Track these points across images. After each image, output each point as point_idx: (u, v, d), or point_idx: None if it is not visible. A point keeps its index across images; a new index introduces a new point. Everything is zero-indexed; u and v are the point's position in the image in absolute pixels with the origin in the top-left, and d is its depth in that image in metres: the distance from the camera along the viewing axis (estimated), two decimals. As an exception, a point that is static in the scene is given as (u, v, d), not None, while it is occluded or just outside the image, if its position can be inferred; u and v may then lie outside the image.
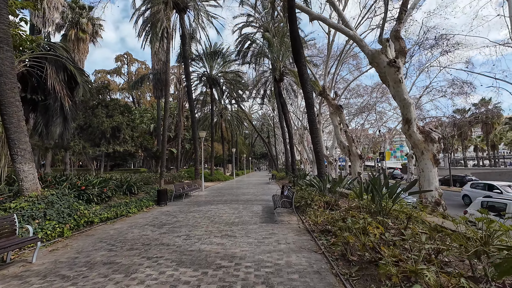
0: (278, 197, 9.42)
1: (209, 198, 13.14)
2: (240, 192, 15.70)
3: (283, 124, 27.20)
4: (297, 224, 6.86)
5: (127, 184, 12.14)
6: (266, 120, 65.98)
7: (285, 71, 17.44)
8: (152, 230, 6.54)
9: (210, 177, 28.02)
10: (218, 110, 35.84)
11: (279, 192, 14.09)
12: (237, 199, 12.56)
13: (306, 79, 9.96)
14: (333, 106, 18.85)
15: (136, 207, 9.61)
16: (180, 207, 10.53)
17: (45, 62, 8.94)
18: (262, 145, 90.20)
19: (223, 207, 9.99)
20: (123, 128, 17.88)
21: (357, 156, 18.49)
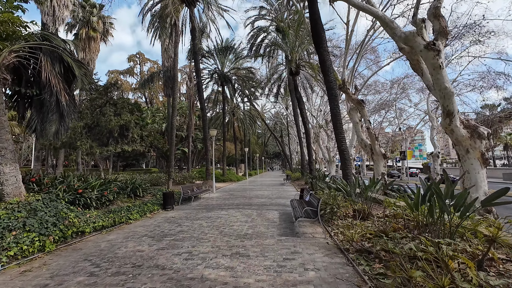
0: (297, 203, 8.17)
1: (220, 202, 12.07)
2: (254, 195, 14.54)
3: (298, 121, 25.83)
4: (324, 239, 5.59)
5: (132, 186, 11.27)
6: (279, 119, 64.60)
7: (301, 64, 16.13)
8: (150, 244, 5.48)
9: (222, 178, 27.08)
10: (230, 108, 34.90)
11: (297, 196, 12.82)
12: (250, 203, 11.40)
13: (329, 67, 8.67)
14: (353, 101, 17.30)
15: (139, 212, 8.66)
16: (188, 212, 9.50)
17: (40, 53, 8.17)
18: (275, 144, 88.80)
19: (235, 213, 8.85)
20: (131, 127, 17.17)
21: (380, 155, 16.86)
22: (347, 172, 8.55)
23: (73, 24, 26.24)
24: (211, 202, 12.12)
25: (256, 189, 18.47)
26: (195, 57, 20.00)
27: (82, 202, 7.86)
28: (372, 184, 6.93)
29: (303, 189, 9.77)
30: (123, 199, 10.51)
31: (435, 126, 32.78)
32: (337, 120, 8.59)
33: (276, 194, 14.81)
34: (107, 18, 27.07)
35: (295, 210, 6.74)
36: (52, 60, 8.38)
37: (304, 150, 37.53)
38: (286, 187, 19.46)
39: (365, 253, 4.45)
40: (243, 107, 39.46)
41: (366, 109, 17.96)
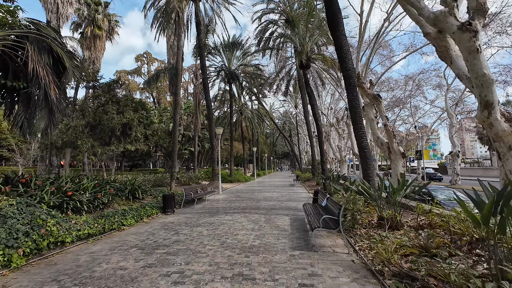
0: (311, 208, 7.14)
1: (225, 204, 11.14)
2: (262, 197, 13.56)
3: (309, 118, 24.68)
4: (347, 255, 4.55)
5: (131, 187, 10.49)
6: (288, 118, 63.43)
7: (311, 57, 15.04)
8: (137, 259, 4.59)
9: (230, 178, 26.23)
10: (237, 107, 34.03)
11: (309, 199, 11.75)
12: (258, 206, 10.42)
13: (346, 53, 7.61)
14: (369, 96, 16.05)
15: (135, 217, 7.82)
16: (189, 216, 8.61)
17: (26, 42, 7.47)
18: (284, 144, 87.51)
19: (240, 219, 7.89)
20: (134, 126, 16.49)
21: (399, 154, 15.55)
22: (368, 172, 7.46)
23: (79, 23, 25.99)
24: (216, 204, 11.21)
25: (265, 190, 17.48)
26: (201, 52, 19.20)
27: (71, 206, 7.07)
28: (401, 187, 5.83)
29: (317, 191, 8.72)
30: (121, 202, 9.73)
31: (454, 124, 31.01)
32: (356, 113, 7.52)
33: (286, 196, 13.78)
34: (112, 16, 26.70)
35: (310, 217, 5.72)
36: (40, 50, 7.65)
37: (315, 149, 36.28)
38: (296, 188, 18.38)
39: (407, 279, 3.39)
40: (251, 105, 38.57)
41: (382, 104, 16.70)
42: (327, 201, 6.07)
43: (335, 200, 6.01)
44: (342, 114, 34.34)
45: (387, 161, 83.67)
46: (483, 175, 45.42)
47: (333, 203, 5.60)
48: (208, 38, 23.01)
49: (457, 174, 28.95)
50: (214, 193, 13.49)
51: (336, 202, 5.41)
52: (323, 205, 6.14)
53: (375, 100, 16.26)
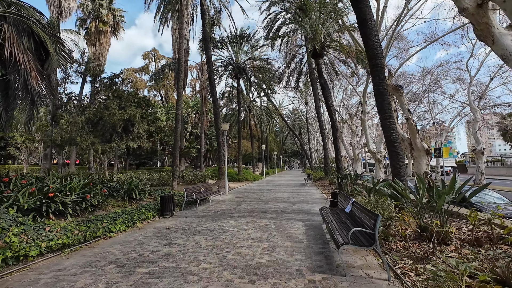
0: (330, 213, 5.96)
1: (231, 206, 10.07)
2: (271, 198, 12.42)
3: (321, 113, 23.32)
4: (386, 282, 3.36)
5: (128, 187, 9.57)
6: (297, 115, 61.95)
7: (325, 44, 13.74)
8: (109, 283, 3.55)
9: (238, 177, 25.22)
10: (245, 104, 32.95)
11: (325, 200, 10.54)
12: (266, 208, 9.30)
13: (372, 28, 6.35)
14: (389, 87, 14.64)
15: (126, 221, 6.85)
16: (188, 221, 7.58)
17: (4, 24, 6.61)
18: (294, 142, 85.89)
19: (246, 225, 6.79)
20: (136, 122, 15.66)
21: (423, 150, 14.10)
22: (399, 170, 6.18)
23: (84, 19, 25.48)
24: (221, 206, 10.16)
25: (274, 190, 16.33)
26: (206, 44, 18.19)
27: (52, 209, 6.16)
28: (449, 189, 4.56)
29: (335, 193, 7.52)
30: (115, 203, 8.81)
31: (478, 119, 28.93)
32: (384, 100, 6.26)
33: (298, 197, 12.59)
34: (117, 10, 26.08)
35: (331, 226, 4.54)
36: (20, 32, 6.76)
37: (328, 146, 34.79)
38: (308, 188, 17.14)
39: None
40: (260, 102, 37.39)
41: (404, 96, 15.21)
42: (353, 207, 4.88)
43: (367, 208, 4.80)
44: (355, 110, 32.75)
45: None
46: (507, 174, 42.66)
47: (361, 210, 4.40)
48: (214, 30, 21.97)
49: (481, 173, 26.88)
50: (219, 193, 12.46)
51: (367, 209, 4.21)
52: (347, 211, 4.95)
53: (396, 92, 14.82)
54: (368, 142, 23.33)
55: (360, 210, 4.47)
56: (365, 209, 4.20)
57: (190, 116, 40.82)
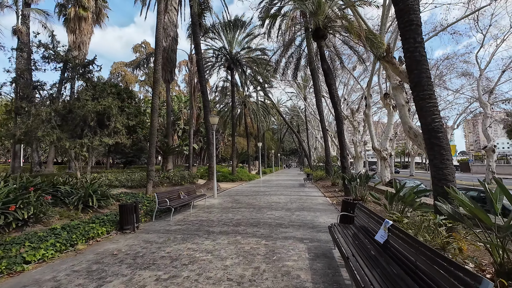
0: (344, 234, 4.05)
1: (214, 215, 8.13)
2: (265, 202, 10.51)
3: (321, 107, 21.40)
4: None
5: (84, 192, 7.60)
6: (296, 112, 60.15)
7: (328, 25, 11.78)
8: None
9: (232, 177, 23.28)
10: (240, 98, 30.96)
11: (328, 206, 8.65)
12: (258, 219, 7.37)
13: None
14: (402, 74, 12.77)
15: (59, 243, 4.91)
16: (152, 239, 5.65)
17: None
18: (292, 140, 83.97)
19: (226, 249, 4.86)
20: (113, 114, 13.63)
21: (440, 147, 12.21)
22: (445, 172, 4.21)
23: (63, 4, 23.32)
24: (202, 215, 8.22)
25: (270, 192, 14.43)
26: (194, 28, 16.19)
27: None
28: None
29: (349, 203, 5.62)
30: (66, 214, 6.87)
31: (488, 114, 27.18)
32: (422, 71, 4.30)
33: (297, 201, 10.69)
34: (99, -5, 23.89)
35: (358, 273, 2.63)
36: None
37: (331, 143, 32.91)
38: (308, 190, 15.25)
39: None
40: (256, 97, 35.37)
41: None
42: (389, 235, 2.95)
43: (403, 229, 2.87)
44: (357, 105, 30.93)
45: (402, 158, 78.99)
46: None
47: (417, 249, 2.46)
48: (205, 15, 19.97)
49: (492, 172, 25.18)
50: (204, 197, 10.54)
51: (438, 253, 2.26)
52: (381, 242, 3.03)
53: (410, 80, 12.91)
54: (372, 138, 21.47)
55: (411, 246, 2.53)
56: (431, 250, 2.24)
57: (183, 112, 38.78)
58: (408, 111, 14.19)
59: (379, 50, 12.27)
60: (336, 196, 11.77)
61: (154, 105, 10.14)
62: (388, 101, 20.46)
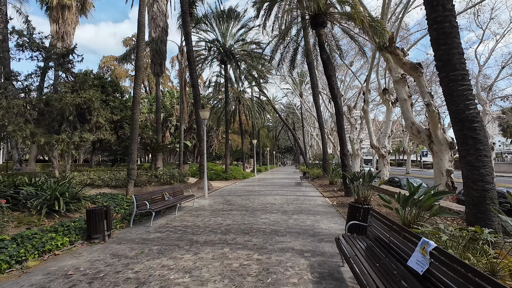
0: (356, 250, 3.17)
1: (201, 220, 7.19)
2: (259, 204, 9.61)
3: (318, 102, 20.57)
4: None
5: (50, 194, 6.59)
6: (291, 109, 59.39)
7: (327, 11, 10.86)
8: None
9: (225, 175, 22.35)
10: (234, 94, 29.94)
11: (328, 208, 7.78)
12: (250, 225, 6.47)
13: None
14: (405, 65, 12.02)
15: (3, 260, 3.93)
16: (121, 252, 4.68)
17: None
18: (287, 138, 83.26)
19: (209, 266, 3.94)
20: (95, 108, 12.53)
21: (445, 144, 11.59)
22: (483, 172, 3.36)
23: (46, -8, 21.88)
24: (188, 219, 7.28)
25: (265, 192, 13.54)
26: (184, 17, 15.12)
27: None
28: None
29: (354, 206, 4.77)
30: (26, 220, 5.86)
31: (488, 111, 26.78)
32: (453, 46, 3.42)
33: (294, 202, 9.82)
34: (84, -18, 22.53)
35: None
36: None
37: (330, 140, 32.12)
38: (306, 189, 14.41)
39: None
40: (251, 93, 34.37)
41: (424, 77, 12.51)
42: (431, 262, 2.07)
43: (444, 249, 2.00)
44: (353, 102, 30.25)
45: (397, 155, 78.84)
46: (507, 170, 41.14)
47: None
48: (196, 5, 18.90)
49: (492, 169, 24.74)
50: (192, 198, 9.59)
51: None
52: (420, 271, 2.14)
53: (414, 71, 12.19)
54: (371, 135, 20.77)
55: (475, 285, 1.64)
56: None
57: (175, 108, 37.55)
58: (410, 106, 13.46)
59: (382, 39, 11.42)
60: (336, 196, 10.94)
61: (136, 96, 9.10)
62: (387, 96, 19.74)
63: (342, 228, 5.92)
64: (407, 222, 5.21)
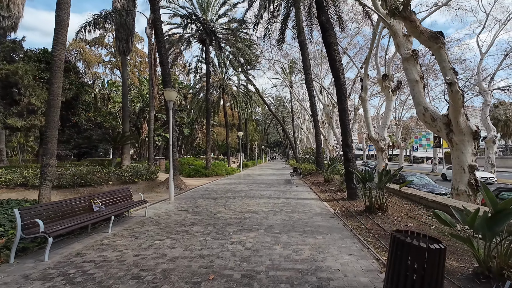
0: None
1: (133, 249, 4.50)
2: (236, 213, 7.05)
3: (311, 88, 18.07)
4: None
5: None
6: (280, 102, 56.98)
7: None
8: None
9: (205, 171, 19.68)
10: (218, 81, 27.06)
11: (329, 218, 5.14)
12: (210, 260, 3.86)
13: None
14: (423, 34, 9.65)
15: None
16: None
17: None
18: (276, 132, 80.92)
19: None
20: (25, 85, 9.51)
21: (468, 134, 9.39)
22: None
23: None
24: (115, 245, 4.61)
25: (247, 192, 11.00)
26: (148, -24, 12.12)
27: None
28: None
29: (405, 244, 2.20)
30: None
31: (489, 102, 25.15)
32: None
33: (283, 211, 7.32)
34: None
35: None
36: None
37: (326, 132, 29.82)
38: (297, 189, 11.97)
39: None
40: (238, 82, 31.48)
41: (446, 50, 10.17)
42: None
43: None
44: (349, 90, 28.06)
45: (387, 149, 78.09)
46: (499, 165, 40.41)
47: None
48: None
49: (492, 165, 23.25)
50: (143, 205, 6.93)
51: None
52: None
53: (434, 42, 9.78)
54: (369, 126, 18.50)
55: None
56: None
57: (155, 98, 34.25)
58: (423, 89, 11.16)
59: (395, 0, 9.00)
60: (336, 200, 8.53)
61: (54, 58, 6.23)
62: (387, 83, 17.48)
63: (365, 267, 3.45)
64: (495, 268, 2.80)
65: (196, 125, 40.68)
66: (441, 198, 7.21)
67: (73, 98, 14.01)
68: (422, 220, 5.72)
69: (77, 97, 14.14)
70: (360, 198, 8.04)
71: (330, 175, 13.27)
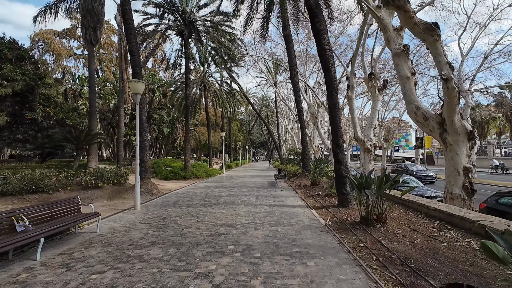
0: None
1: (77, 275, 3.27)
2: (210, 226, 5.89)
3: (297, 85, 17.21)
4: None
5: None
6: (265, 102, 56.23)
7: None
8: None
9: (184, 173, 18.28)
10: (199, 78, 25.64)
11: (320, 233, 4.04)
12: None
13: None
14: (418, 26, 8.98)
15: None
16: None
17: None
18: (261, 133, 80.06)
19: None
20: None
21: (463, 133, 8.80)
22: None
23: None
24: (38, 280, 3.32)
25: (227, 199, 9.84)
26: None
27: None
28: None
29: None
30: None
31: (470, 103, 25.58)
32: None
33: (266, 223, 6.25)
34: None
35: None
36: None
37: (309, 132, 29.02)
38: (282, 193, 10.94)
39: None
40: (221, 79, 30.14)
41: (441, 43, 9.52)
42: None
43: None
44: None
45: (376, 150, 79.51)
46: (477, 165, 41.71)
47: None
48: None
49: (473, 165, 23.47)
50: (94, 218, 5.62)
51: None
52: None
53: (429, 34, 9.10)
54: (355, 126, 17.90)
55: None
56: None
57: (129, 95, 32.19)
58: (414, 86, 10.50)
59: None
60: (326, 206, 7.58)
61: None
62: (374, 82, 16.98)
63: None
64: None
65: (177, 124, 38.87)
66: (444, 206, 6.41)
67: (28, 91, 12.20)
68: (428, 234, 4.84)
69: (32, 89, 12.33)
70: (352, 206, 7.13)
71: (317, 178, 12.39)
